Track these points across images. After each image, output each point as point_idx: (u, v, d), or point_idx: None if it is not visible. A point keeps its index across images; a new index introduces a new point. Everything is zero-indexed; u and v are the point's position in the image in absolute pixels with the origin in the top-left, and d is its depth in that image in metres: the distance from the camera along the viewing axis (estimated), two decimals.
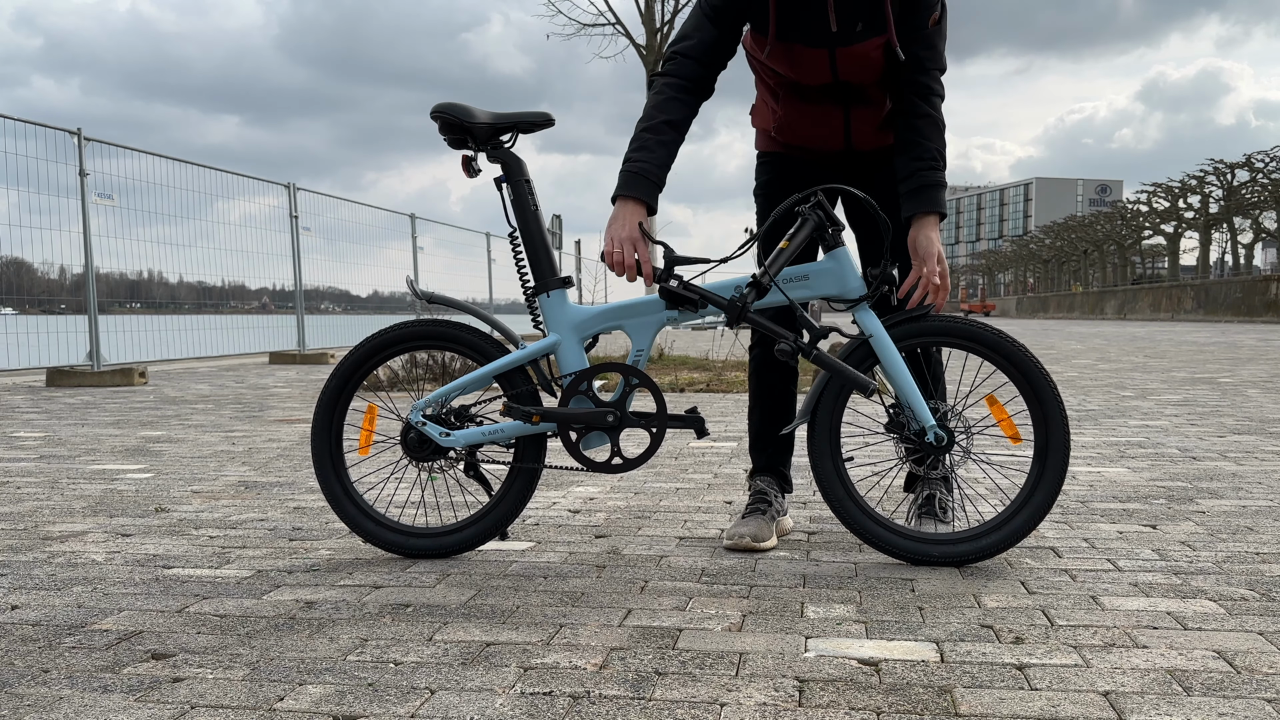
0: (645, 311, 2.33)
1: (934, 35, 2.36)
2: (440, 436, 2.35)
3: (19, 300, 9.60)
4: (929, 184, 2.36)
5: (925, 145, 2.36)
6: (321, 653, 1.74)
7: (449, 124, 2.34)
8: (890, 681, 1.59)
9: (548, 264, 2.39)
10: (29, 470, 3.76)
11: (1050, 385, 2.29)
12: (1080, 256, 75.66)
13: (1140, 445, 4.19)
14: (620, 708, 1.50)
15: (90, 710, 1.50)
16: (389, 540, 2.39)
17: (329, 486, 2.42)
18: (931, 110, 2.38)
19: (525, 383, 2.37)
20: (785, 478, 2.69)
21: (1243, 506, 2.93)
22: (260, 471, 3.69)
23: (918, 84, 2.37)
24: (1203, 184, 54.64)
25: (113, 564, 2.37)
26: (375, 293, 16.05)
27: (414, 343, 2.44)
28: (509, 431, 2.35)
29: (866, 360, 2.34)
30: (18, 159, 8.30)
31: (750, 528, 2.46)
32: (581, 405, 2.33)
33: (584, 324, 2.36)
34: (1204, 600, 2.01)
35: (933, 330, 2.33)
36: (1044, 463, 2.26)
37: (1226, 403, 5.96)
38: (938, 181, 2.38)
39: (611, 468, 2.33)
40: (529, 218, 2.38)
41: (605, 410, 2.30)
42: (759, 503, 2.57)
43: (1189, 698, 1.52)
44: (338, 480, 2.42)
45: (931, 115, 2.38)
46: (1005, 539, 2.25)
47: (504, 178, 2.40)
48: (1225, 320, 33.63)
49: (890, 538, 2.29)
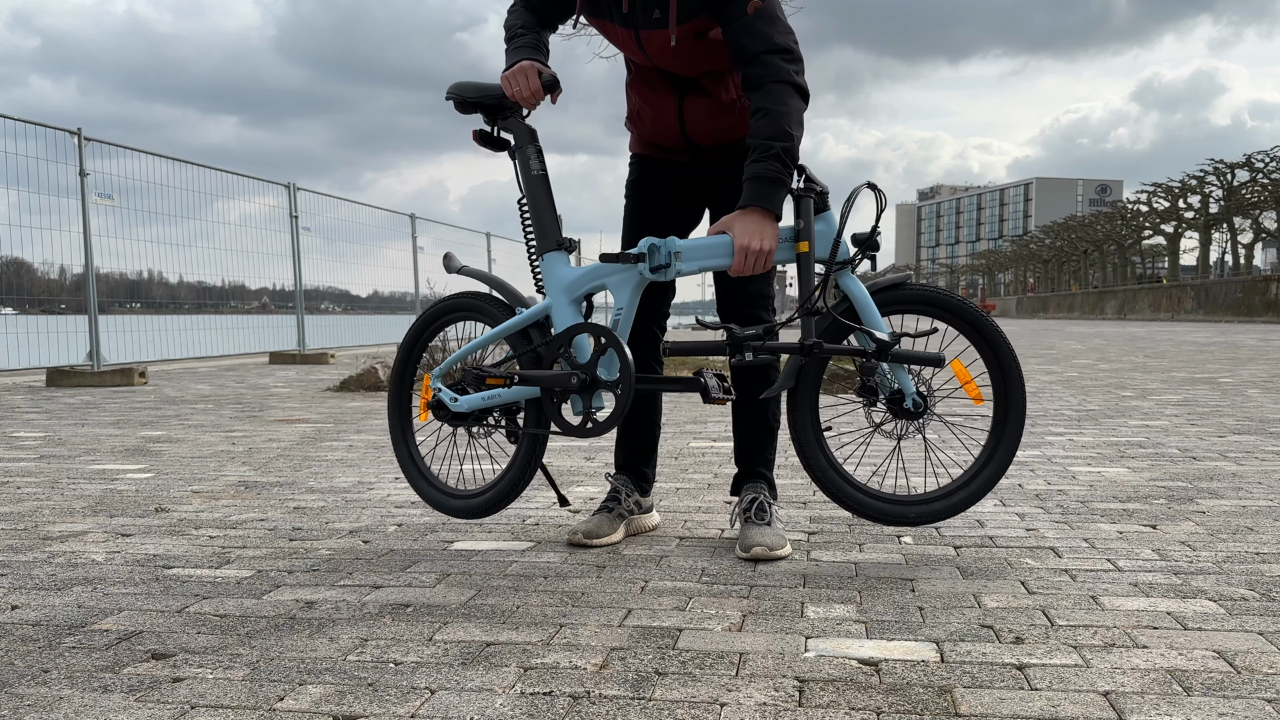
0: (622, 269, 2.35)
1: (756, 20, 2.26)
2: (451, 402, 2.45)
3: (19, 300, 9.60)
4: (753, 176, 2.24)
5: (753, 140, 2.25)
6: (321, 653, 1.74)
7: (461, 103, 2.44)
8: (890, 681, 1.59)
9: (550, 228, 2.43)
10: (29, 470, 3.76)
11: (1010, 350, 2.39)
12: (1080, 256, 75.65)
13: (1140, 445, 4.19)
14: (620, 708, 1.50)
15: (90, 710, 1.50)
16: (434, 499, 2.57)
17: (399, 451, 2.63)
18: (765, 100, 2.25)
19: (525, 345, 2.43)
20: (644, 476, 2.67)
21: (1243, 506, 2.93)
22: (260, 471, 3.70)
23: (747, 75, 2.29)
24: (1203, 184, 54.62)
25: (113, 564, 2.37)
26: (375, 293, 16.05)
27: (445, 317, 2.60)
28: (506, 396, 2.40)
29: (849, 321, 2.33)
30: (18, 159, 8.31)
31: (589, 524, 2.53)
32: (563, 368, 2.35)
33: (571, 285, 2.39)
34: (1204, 600, 2.01)
35: (906, 299, 2.39)
36: (1005, 422, 2.38)
37: (1226, 403, 5.96)
38: (762, 175, 2.22)
39: (582, 431, 2.33)
40: (531, 181, 2.44)
41: (571, 373, 2.31)
42: (609, 500, 2.61)
43: (1189, 698, 1.52)
44: (405, 445, 2.62)
45: (764, 107, 2.25)
46: (974, 494, 2.37)
47: (513, 147, 2.47)
48: (1225, 320, 33.63)
49: (872, 503, 2.38)
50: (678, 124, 2.49)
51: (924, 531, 2.63)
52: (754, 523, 2.46)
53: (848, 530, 2.65)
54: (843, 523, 2.74)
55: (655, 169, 2.61)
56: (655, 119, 2.52)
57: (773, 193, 2.22)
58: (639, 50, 2.40)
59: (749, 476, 2.62)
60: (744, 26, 2.26)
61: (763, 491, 2.56)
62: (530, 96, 2.35)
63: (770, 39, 2.26)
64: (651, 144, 2.60)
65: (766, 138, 2.22)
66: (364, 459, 3.98)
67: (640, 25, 2.34)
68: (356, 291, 15.73)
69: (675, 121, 2.49)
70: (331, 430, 4.94)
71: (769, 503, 2.53)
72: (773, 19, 2.29)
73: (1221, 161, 52.46)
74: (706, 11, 2.28)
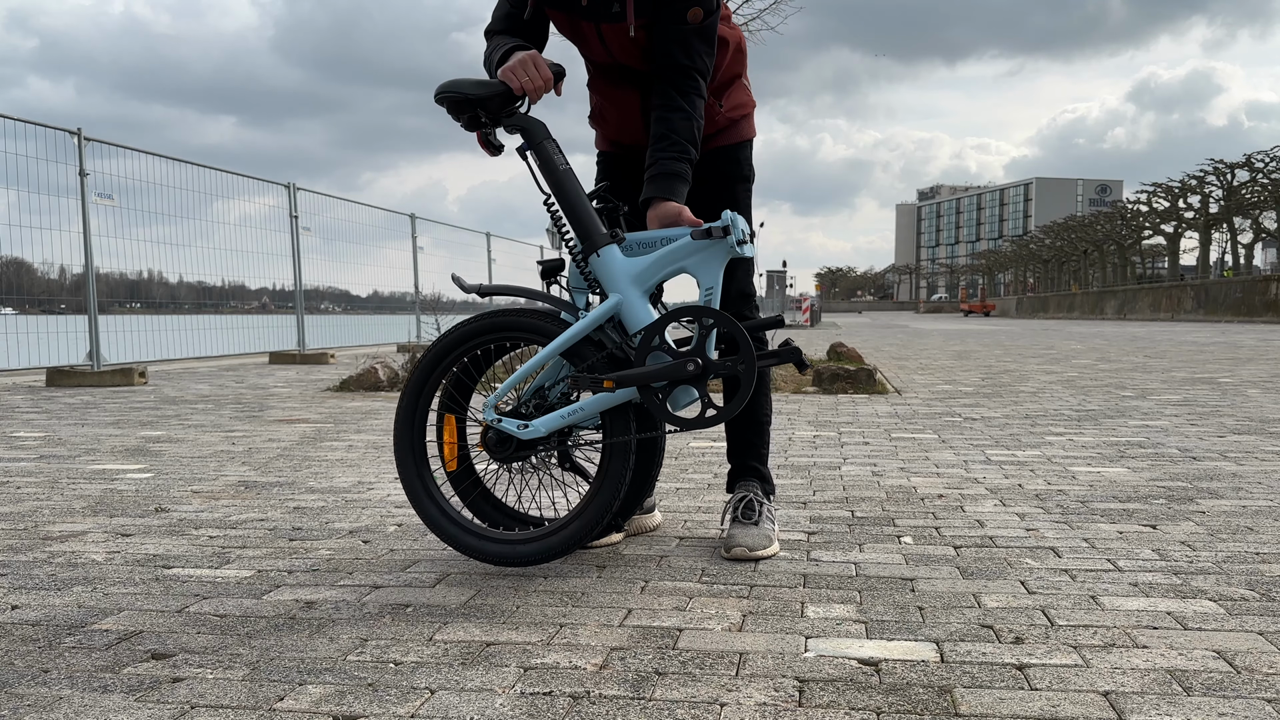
0: (703, 247, 2.18)
1: (691, 35, 2.28)
2: (520, 430, 2.22)
3: (19, 300, 9.60)
4: (672, 173, 2.26)
5: (675, 139, 2.28)
6: (321, 653, 1.74)
7: (456, 103, 2.22)
8: (890, 681, 1.59)
9: (591, 223, 2.24)
10: (29, 470, 3.76)
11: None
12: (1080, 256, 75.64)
13: (1140, 445, 4.19)
14: (620, 708, 1.49)
15: (90, 710, 1.50)
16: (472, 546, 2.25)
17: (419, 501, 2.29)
18: (688, 106, 2.29)
19: (597, 353, 2.21)
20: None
21: (1243, 506, 2.93)
22: (260, 471, 3.69)
23: (677, 80, 2.30)
24: (1203, 184, 54.62)
25: (113, 564, 2.37)
26: (375, 293, 16.05)
27: (476, 340, 2.31)
28: (591, 407, 2.18)
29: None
30: (18, 159, 8.31)
31: None
32: (659, 361, 2.16)
33: (643, 274, 2.21)
34: (1204, 600, 2.01)
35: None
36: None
37: (1226, 403, 5.96)
38: (679, 173, 2.26)
39: (705, 422, 2.16)
40: (560, 179, 2.24)
41: (684, 360, 2.14)
42: None
43: (1189, 698, 1.52)
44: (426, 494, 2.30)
45: (686, 110, 2.29)
46: None
47: (526, 144, 2.27)
48: (1225, 320, 33.63)
49: None
50: (641, 120, 2.47)
51: (924, 531, 2.63)
52: (740, 522, 2.44)
53: (848, 530, 2.65)
54: (843, 523, 2.74)
55: (622, 165, 2.60)
56: (621, 117, 2.50)
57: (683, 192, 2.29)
58: (601, 45, 2.38)
59: (742, 473, 2.61)
60: (680, 36, 2.28)
61: (754, 489, 2.54)
62: (542, 86, 2.22)
63: (701, 59, 2.32)
64: (616, 142, 2.60)
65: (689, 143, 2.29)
66: (364, 459, 3.98)
67: (601, 19, 2.32)
68: (356, 291, 15.73)
69: (639, 118, 2.47)
70: (331, 430, 4.93)
71: (759, 501, 2.50)
72: (710, 40, 2.33)
73: (1221, 161, 52.45)
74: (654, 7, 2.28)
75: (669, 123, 2.30)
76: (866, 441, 4.37)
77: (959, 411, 5.59)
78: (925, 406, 5.88)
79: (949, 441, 4.34)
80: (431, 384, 2.33)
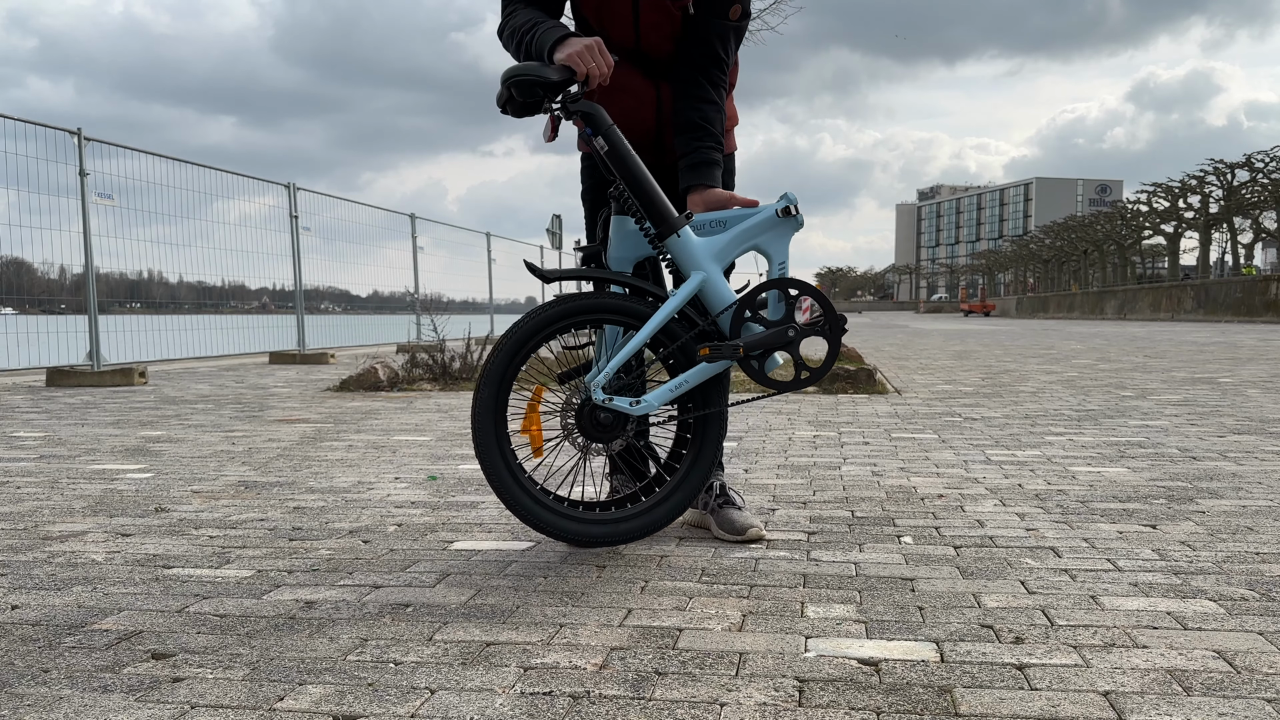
0: (776, 224, 2.35)
1: (730, 31, 2.37)
2: (631, 406, 2.31)
3: (19, 300, 9.60)
4: (712, 161, 2.40)
5: (710, 130, 2.40)
6: (321, 653, 1.74)
7: (529, 85, 2.21)
8: (890, 681, 1.59)
9: (665, 206, 2.31)
10: (29, 470, 3.76)
11: None
12: (1080, 256, 75.63)
13: (1140, 445, 4.19)
14: (620, 708, 1.50)
15: (90, 710, 1.50)
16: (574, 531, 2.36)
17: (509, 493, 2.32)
18: (719, 99, 2.40)
19: (686, 330, 2.36)
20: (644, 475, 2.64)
21: (1243, 506, 2.93)
22: (260, 471, 3.69)
23: (711, 72, 2.38)
24: (1203, 184, 54.61)
25: (113, 564, 2.37)
26: (375, 292, 16.06)
27: (560, 324, 2.32)
28: (695, 378, 2.33)
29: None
30: (17, 159, 8.31)
31: None
32: (752, 331, 2.34)
33: (722, 252, 2.35)
34: (1204, 600, 2.01)
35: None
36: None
37: (1226, 403, 5.96)
38: (717, 161, 2.41)
39: (800, 383, 2.37)
40: (632, 164, 2.29)
41: (785, 327, 2.32)
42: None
43: (1189, 698, 1.52)
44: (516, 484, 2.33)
45: (718, 104, 2.40)
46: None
47: (593, 130, 2.28)
48: (1225, 320, 33.63)
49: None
50: (654, 111, 2.48)
51: (924, 531, 2.63)
52: (733, 505, 2.57)
53: (848, 530, 2.65)
54: (843, 523, 2.74)
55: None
56: (637, 107, 2.48)
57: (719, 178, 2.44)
58: (631, 26, 2.38)
59: None
60: (721, 30, 2.35)
61: (719, 475, 2.65)
62: (607, 73, 2.24)
63: (727, 61, 2.40)
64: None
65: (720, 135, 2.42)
66: (364, 459, 3.98)
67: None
68: (356, 291, 15.74)
69: (653, 106, 2.48)
70: (331, 430, 4.94)
71: (730, 488, 2.63)
72: (739, 40, 2.40)
73: (1221, 161, 52.46)
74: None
75: (703, 113, 2.37)
76: (866, 441, 4.37)
77: (959, 411, 5.59)
78: (925, 406, 5.88)
79: (949, 441, 4.34)
80: (513, 370, 2.34)
